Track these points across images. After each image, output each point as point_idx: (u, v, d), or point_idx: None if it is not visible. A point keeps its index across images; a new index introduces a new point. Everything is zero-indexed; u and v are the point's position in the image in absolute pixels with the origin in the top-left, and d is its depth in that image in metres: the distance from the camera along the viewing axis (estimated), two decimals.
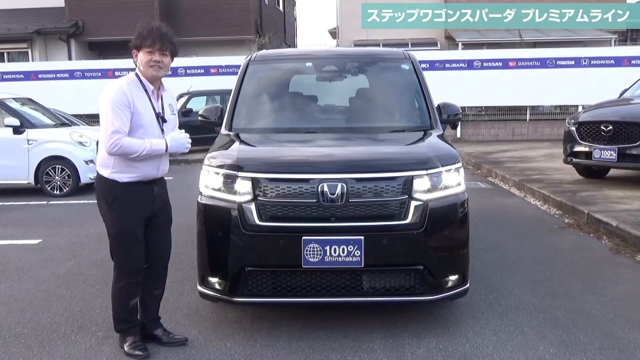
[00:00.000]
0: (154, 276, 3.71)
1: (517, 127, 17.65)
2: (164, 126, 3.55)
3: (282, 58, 5.78)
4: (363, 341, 3.72)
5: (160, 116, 3.54)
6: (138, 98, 3.43)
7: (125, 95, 3.37)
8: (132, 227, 3.49)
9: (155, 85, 3.54)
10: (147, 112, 3.47)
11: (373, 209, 3.64)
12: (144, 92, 3.48)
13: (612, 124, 8.23)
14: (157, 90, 3.56)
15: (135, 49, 3.46)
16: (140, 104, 3.43)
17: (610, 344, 3.65)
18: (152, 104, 3.50)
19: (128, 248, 3.52)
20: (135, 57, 3.47)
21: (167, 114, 3.61)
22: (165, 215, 3.73)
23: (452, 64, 17.40)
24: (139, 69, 3.48)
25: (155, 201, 3.59)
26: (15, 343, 3.81)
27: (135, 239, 3.52)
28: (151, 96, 3.51)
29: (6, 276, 5.28)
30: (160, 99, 3.59)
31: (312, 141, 4.46)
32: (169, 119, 3.62)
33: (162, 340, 3.70)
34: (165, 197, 3.74)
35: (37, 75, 17.90)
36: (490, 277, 4.94)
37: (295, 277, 3.67)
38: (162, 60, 3.45)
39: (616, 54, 17.37)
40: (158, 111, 3.53)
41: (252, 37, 21.08)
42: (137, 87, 3.47)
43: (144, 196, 3.53)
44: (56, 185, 9.69)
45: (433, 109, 4.81)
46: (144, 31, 3.43)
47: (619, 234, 6.04)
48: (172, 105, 3.72)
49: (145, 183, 3.54)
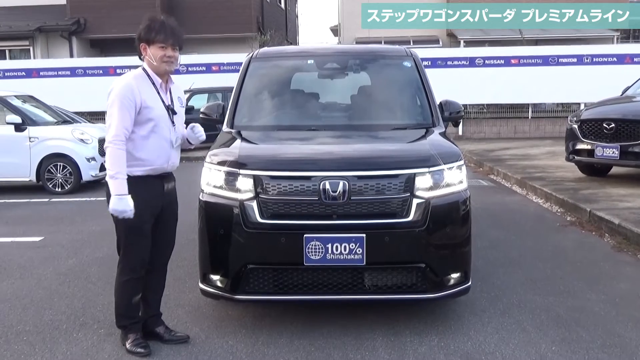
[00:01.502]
0: (155, 272, 3.71)
1: (519, 124, 17.63)
2: (174, 118, 3.59)
3: (283, 55, 5.77)
4: (365, 339, 3.71)
5: (170, 108, 3.56)
6: (146, 92, 3.44)
7: (132, 91, 3.38)
8: (142, 222, 3.48)
9: (164, 78, 3.55)
10: (157, 106, 3.48)
11: (375, 207, 3.64)
12: (152, 86, 3.49)
13: (615, 122, 8.22)
14: (165, 83, 3.57)
15: (145, 43, 3.44)
16: (149, 97, 3.44)
17: (612, 341, 3.65)
18: (161, 97, 3.52)
19: (135, 244, 3.52)
20: (144, 51, 3.46)
21: (177, 106, 3.64)
22: (172, 211, 3.74)
23: (454, 62, 17.38)
24: (151, 64, 3.47)
25: (165, 196, 3.61)
26: (17, 340, 3.81)
27: (143, 235, 3.52)
28: (159, 90, 3.52)
29: (8, 274, 5.29)
30: (169, 92, 3.60)
31: (313, 139, 4.45)
32: (179, 111, 3.65)
33: (164, 338, 3.70)
34: (174, 194, 3.76)
35: (39, 73, 17.91)
36: (492, 275, 4.93)
37: (296, 274, 3.67)
38: (174, 55, 3.47)
39: (618, 52, 17.34)
40: (168, 104, 3.55)
41: (253, 35, 21.08)
42: (145, 82, 3.48)
43: (154, 191, 3.54)
44: (58, 182, 9.70)
45: (435, 107, 4.80)
46: (156, 25, 3.42)
47: (621, 232, 6.03)
48: (181, 98, 3.75)
49: (155, 177, 3.55)
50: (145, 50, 3.46)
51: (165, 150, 3.55)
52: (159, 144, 3.51)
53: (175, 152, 3.65)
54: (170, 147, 3.58)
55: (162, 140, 3.53)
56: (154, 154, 3.49)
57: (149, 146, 3.48)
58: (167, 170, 3.63)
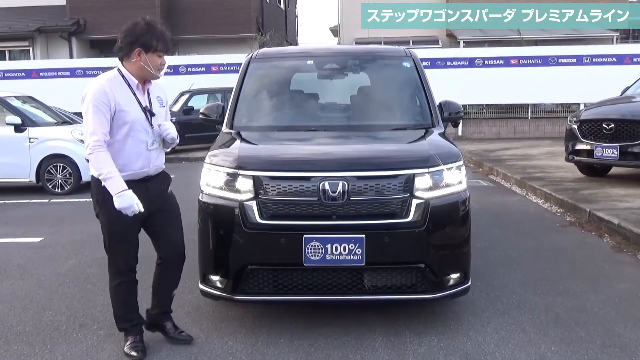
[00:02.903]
0: (165, 270, 3.68)
1: (519, 125, 17.63)
2: (152, 119, 3.47)
3: (283, 56, 5.78)
4: (364, 339, 3.72)
5: (147, 110, 3.45)
6: (120, 94, 3.35)
7: (106, 94, 3.29)
8: (124, 227, 3.39)
9: (141, 80, 3.46)
10: (133, 108, 3.38)
11: (374, 207, 3.64)
12: (127, 87, 3.40)
13: (614, 122, 8.22)
14: (143, 84, 3.48)
15: (141, 48, 3.34)
16: (124, 100, 3.35)
17: (612, 342, 3.65)
18: (137, 99, 3.42)
19: (119, 249, 3.49)
20: (138, 56, 3.35)
21: (155, 106, 3.52)
22: (166, 211, 3.61)
23: (453, 62, 17.38)
24: (141, 68, 3.37)
25: (151, 200, 3.46)
26: (16, 341, 3.82)
27: (126, 240, 3.46)
28: (136, 91, 3.43)
29: (8, 274, 5.29)
30: (147, 92, 3.51)
31: (313, 139, 4.46)
32: (157, 111, 3.52)
33: (169, 334, 3.70)
34: (165, 193, 3.63)
35: (39, 73, 17.91)
36: (492, 275, 4.93)
37: (296, 275, 3.67)
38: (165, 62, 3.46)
39: (618, 52, 17.33)
40: (145, 105, 3.46)
41: (253, 35, 21.08)
42: (120, 84, 3.39)
43: (137, 196, 3.34)
44: (57, 183, 9.70)
45: (434, 107, 4.81)
46: (156, 32, 3.36)
47: (620, 232, 6.03)
48: (161, 97, 3.61)
49: (138, 181, 3.43)
50: (140, 56, 3.36)
51: (142, 153, 3.43)
52: (135, 148, 3.40)
53: (156, 154, 3.52)
54: (146, 150, 3.44)
55: (139, 144, 3.41)
56: (131, 158, 3.39)
57: (126, 150, 3.38)
58: (150, 174, 3.50)
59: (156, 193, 3.55)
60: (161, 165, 3.61)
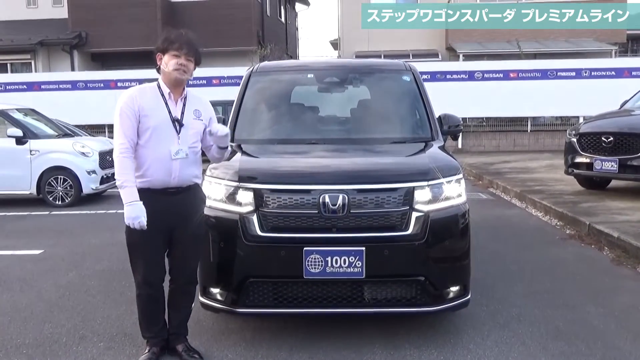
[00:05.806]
0: (175, 290, 3.64)
1: (518, 138, 17.70)
2: (181, 130, 3.45)
3: (283, 69, 5.82)
4: (364, 352, 3.71)
5: (175, 119, 3.45)
6: (147, 100, 3.40)
7: (132, 100, 3.37)
8: (142, 239, 3.37)
9: (177, 90, 3.48)
10: (157, 114, 3.39)
11: (374, 220, 3.65)
12: (159, 95, 3.45)
13: (613, 135, 8.25)
14: (179, 94, 3.50)
15: (160, 52, 3.44)
16: (149, 105, 3.39)
17: (611, 355, 3.65)
18: (167, 107, 3.44)
19: (136, 261, 3.48)
20: (160, 61, 3.45)
21: (188, 118, 3.49)
22: (186, 228, 3.50)
23: (453, 75, 17.49)
24: (164, 72, 3.43)
25: (173, 214, 3.43)
26: (16, 353, 3.81)
27: (142, 254, 3.44)
28: (168, 100, 3.45)
29: (8, 286, 5.29)
30: (184, 104, 3.51)
31: (313, 152, 4.48)
32: (189, 123, 3.49)
33: (182, 357, 3.60)
34: (189, 209, 3.52)
35: (40, 86, 18.02)
36: (492, 288, 4.93)
37: (296, 287, 3.67)
38: (187, 65, 3.43)
39: (617, 65, 17.45)
40: (175, 114, 3.45)
41: (254, 49, 21.19)
42: (152, 91, 3.46)
43: (157, 207, 3.35)
44: (58, 195, 9.71)
45: (434, 120, 4.84)
46: (172, 35, 3.45)
47: (620, 245, 6.04)
48: (199, 110, 3.57)
49: (159, 192, 3.41)
50: (161, 60, 3.45)
51: (164, 162, 3.39)
52: (157, 155, 3.38)
53: (179, 165, 3.43)
54: (169, 159, 3.39)
55: (161, 151, 3.38)
56: (152, 164, 3.39)
57: (147, 156, 3.38)
58: (171, 185, 3.44)
59: (178, 210, 3.48)
60: (189, 179, 3.52)
